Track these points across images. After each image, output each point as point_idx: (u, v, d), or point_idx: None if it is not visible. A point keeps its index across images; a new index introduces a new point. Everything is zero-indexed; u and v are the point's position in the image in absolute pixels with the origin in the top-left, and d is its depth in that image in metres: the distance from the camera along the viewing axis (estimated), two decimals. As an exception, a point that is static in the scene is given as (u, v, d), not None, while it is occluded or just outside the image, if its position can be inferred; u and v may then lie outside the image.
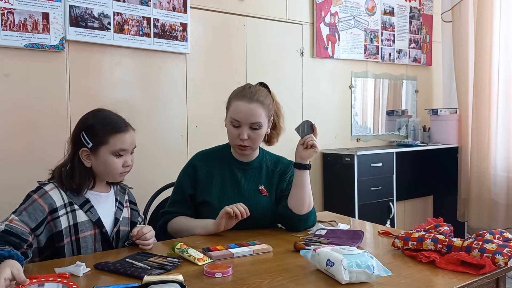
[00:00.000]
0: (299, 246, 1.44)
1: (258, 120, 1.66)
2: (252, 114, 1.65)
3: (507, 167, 3.52)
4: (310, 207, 1.70)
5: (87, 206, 1.49)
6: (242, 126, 1.66)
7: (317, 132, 1.67)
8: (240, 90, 1.72)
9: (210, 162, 1.77)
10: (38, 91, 2.25)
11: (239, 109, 1.65)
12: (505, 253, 1.22)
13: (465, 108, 3.74)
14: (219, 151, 1.82)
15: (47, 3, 2.21)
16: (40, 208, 1.41)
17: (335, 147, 3.45)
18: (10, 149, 2.18)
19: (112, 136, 1.48)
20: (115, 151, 1.49)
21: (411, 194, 3.91)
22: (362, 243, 1.52)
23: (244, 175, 1.76)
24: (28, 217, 1.38)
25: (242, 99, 1.66)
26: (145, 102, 2.59)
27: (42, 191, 1.45)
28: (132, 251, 1.45)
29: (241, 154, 1.76)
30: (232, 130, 1.68)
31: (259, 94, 1.68)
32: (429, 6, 4.04)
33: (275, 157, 1.86)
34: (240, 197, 1.71)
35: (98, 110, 1.56)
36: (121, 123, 1.52)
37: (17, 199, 1.49)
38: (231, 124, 1.68)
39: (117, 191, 1.63)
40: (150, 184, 2.19)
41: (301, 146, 1.67)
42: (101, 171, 1.52)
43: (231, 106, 1.69)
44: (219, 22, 2.85)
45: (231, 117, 1.68)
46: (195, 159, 1.81)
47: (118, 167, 1.51)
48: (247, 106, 1.65)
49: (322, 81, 3.39)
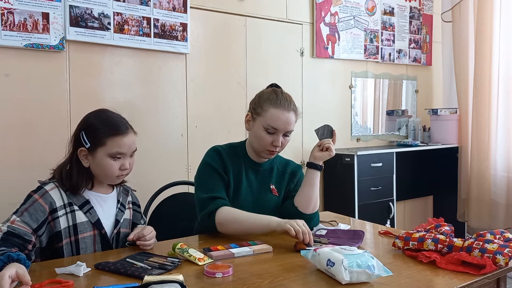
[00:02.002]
0: (299, 246, 1.44)
1: (292, 128, 1.70)
2: (289, 123, 1.67)
3: (507, 167, 3.52)
4: (316, 208, 1.72)
5: (87, 207, 1.49)
6: (278, 133, 1.67)
7: (336, 138, 1.74)
8: (273, 96, 1.69)
9: (227, 156, 1.74)
10: (38, 91, 2.25)
11: (278, 118, 1.65)
12: (506, 253, 1.22)
13: (465, 108, 3.74)
14: (233, 148, 1.80)
15: (47, 3, 2.21)
16: (41, 208, 1.41)
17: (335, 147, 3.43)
18: (10, 149, 2.18)
19: (110, 138, 1.45)
20: (112, 153, 1.46)
21: (411, 194, 3.91)
22: (362, 243, 1.52)
23: (256, 176, 1.77)
24: (29, 218, 1.38)
25: (280, 107, 1.66)
26: (145, 102, 2.59)
27: (43, 191, 1.44)
28: (132, 251, 1.45)
29: (266, 158, 1.76)
30: (266, 136, 1.67)
31: (292, 102, 1.71)
32: (429, 6, 4.04)
33: (284, 160, 1.88)
34: (252, 196, 1.73)
35: (101, 111, 1.55)
36: (121, 125, 1.49)
37: (17, 199, 1.49)
38: (265, 131, 1.66)
39: (119, 193, 1.62)
40: (150, 184, 2.19)
41: (317, 147, 1.73)
42: (98, 172, 1.50)
43: (267, 113, 1.66)
44: (219, 22, 2.85)
45: (268, 124, 1.65)
46: (216, 149, 1.75)
47: (115, 170, 1.48)
48: (286, 115, 1.66)
49: (322, 81, 3.39)
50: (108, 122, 1.48)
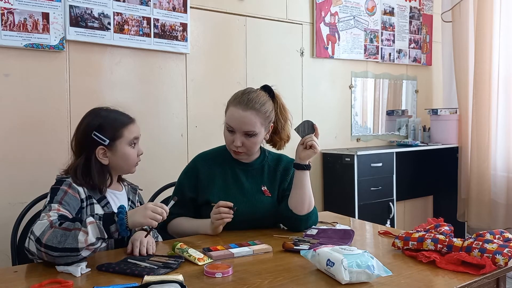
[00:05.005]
0: (287, 246, 1.45)
1: (251, 128, 1.64)
2: (245, 122, 1.62)
3: (507, 167, 3.52)
4: (311, 207, 1.69)
5: (103, 202, 1.53)
6: (236, 133, 1.65)
7: (318, 132, 1.64)
8: (238, 95, 1.69)
9: (211, 163, 1.77)
10: (38, 91, 2.25)
11: (233, 116, 1.64)
12: (506, 253, 1.22)
13: (465, 108, 3.74)
14: (220, 152, 1.81)
15: (47, 3, 2.21)
16: (74, 197, 1.45)
17: (335, 147, 3.45)
18: (10, 149, 2.18)
19: (125, 128, 1.55)
20: (131, 140, 1.56)
21: (411, 194, 3.91)
22: (352, 242, 1.52)
23: (246, 176, 1.75)
24: (68, 206, 1.41)
25: (237, 105, 1.64)
26: (145, 102, 2.59)
27: (68, 183, 1.47)
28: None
29: (238, 158, 1.75)
30: (227, 135, 1.68)
31: (256, 101, 1.64)
32: (429, 6, 4.04)
33: (276, 156, 1.84)
34: (243, 198, 1.71)
35: (97, 110, 1.60)
36: (125, 115, 1.60)
37: (17, 199, 1.49)
38: (226, 130, 1.68)
39: (128, 191, 1.68)
40: (150, 184, 2.19)
41: (300, 146, 1.65)
42: (119, 164, 1.57)
43: (228, 111, 1.68)
44: (219, 22, 2.85)
45: (226, 123, 1.68)
46: (196, 161, 1.80)
47: (135, 157, 1.59)
48: (241, 114, 1.63)
49: (322, 81, 3.39)
50: (114, 116, 1.58)
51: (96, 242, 1.27)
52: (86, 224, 1.27)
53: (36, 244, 1.25)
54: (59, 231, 1.25)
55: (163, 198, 2.10)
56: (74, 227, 1.26)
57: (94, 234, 1.26)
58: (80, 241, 1.24)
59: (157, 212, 1.34)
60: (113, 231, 1.30)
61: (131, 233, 1.57)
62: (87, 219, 1.28)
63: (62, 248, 1.23)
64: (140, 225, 1.36)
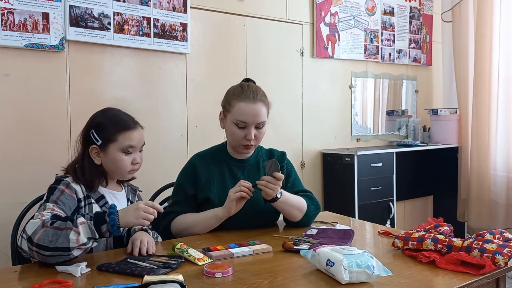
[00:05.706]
0: (287, 246, 1.45)
1: (263, 119, 1.68)
2: (257, 114, 1.65)
3: (507, 167, 3.51)
4: (303, 210, 1.72)
5: (102, 202, 1.53)
6: (249, 127, 1.65)
7: (279, 176, 1.57)
8: (239, 90, 1.69)
9: (208, 162, 1.78)
10: (38, 91, 2.25)
11: (244, 111, 1.64)
12: (505, 253, 1.22)
13: (465, 108, 3.74)
14: (216, 151, 1.82)
15: (47, 3, 2.21)
16: (70, 197, 1.44)
17: (335, 147, 3.45)
18: (10, 149, 2.18)
19: (120, 133, 1.52)
20: (124, 148, 1.52)
21: (411, 194, 3.91)
22: (352, 242, 1.52)
23: (243, 173, 1.77)
24: (63, 206, 1.40)
25: (245, 100, 1.65)
26: (145, 102, 2.59)
27: (66, 182, 1.47)
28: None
29: (245, 154, 1.76)
30: (237, 131, 1.67)
31: (260, 93, 1.69)
32: (429, 6, 4.04)
33: (268, 151, 1.87)
34: None
35: (107, 109, 1.60)
36: (129, 121, 1.57)
37: (17, 199, 1.49)
38: (235, 126, 1.67)
39: (128, 192, 1.67)
40: (151, 183, 2.19)
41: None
42: (111, 168, 1.55)
43: (233, 108, 1.67)
44: (219, 22, 2.85)
45: (236, 119, 1.66)
46: (193, 159, 1.81)
47: (127, 164, 1.54)
48: (252, 107, 1.64)
49: (322, 81, 3.39)
50: (116, 119, 1.56)
51: (88, 242, 1.27)
52: (77, 224, 1.26)
53: (28, 243, 1.25)
54: (50, 230, 1.25)
55: (163, 198, 2.10)
56: (66, 226, 1.26)
57: (85, 234, 1.26)
58: (72, 241, 1.24)
59: (149, 212, 1.34)
60: (104, 231, 1.30)
61: (130, 233, 1.57)
62: (78, 219, 1.28)
63: (53, 248, 1.23)
64: (132, 225, 1.36)
